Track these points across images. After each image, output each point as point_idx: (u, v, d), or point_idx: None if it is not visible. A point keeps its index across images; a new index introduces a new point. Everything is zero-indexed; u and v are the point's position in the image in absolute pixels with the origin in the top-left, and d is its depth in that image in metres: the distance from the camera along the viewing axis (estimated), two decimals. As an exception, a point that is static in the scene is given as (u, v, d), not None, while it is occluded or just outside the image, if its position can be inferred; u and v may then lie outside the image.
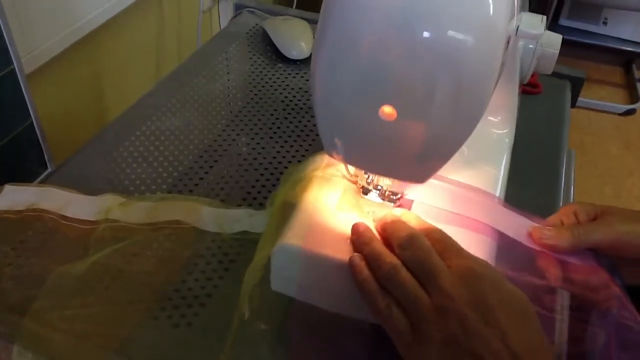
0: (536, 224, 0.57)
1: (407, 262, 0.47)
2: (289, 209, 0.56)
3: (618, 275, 0.54)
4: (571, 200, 0.83)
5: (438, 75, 0.41)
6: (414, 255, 0.47)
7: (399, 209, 0.55)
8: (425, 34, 0.39)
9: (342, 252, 0.50)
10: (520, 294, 0.46)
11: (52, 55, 0.97)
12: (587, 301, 0.54)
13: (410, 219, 0.52)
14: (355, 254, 0.49)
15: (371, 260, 0.48)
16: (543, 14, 0.55)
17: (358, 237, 0.50)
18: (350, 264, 0.49)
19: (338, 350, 0.53)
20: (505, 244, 0.55)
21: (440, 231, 0.50)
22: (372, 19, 0.40)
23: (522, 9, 0.55)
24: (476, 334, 0.42)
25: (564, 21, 2.87)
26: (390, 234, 0.50)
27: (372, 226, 0.52)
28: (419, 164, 0.48)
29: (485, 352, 0.42)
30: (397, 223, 0.51)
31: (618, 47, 2.80)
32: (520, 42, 0.63)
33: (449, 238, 0.49)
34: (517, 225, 0.56)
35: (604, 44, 2.80)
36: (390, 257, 0.47)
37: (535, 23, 0.52)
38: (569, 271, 0.54)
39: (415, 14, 0.40)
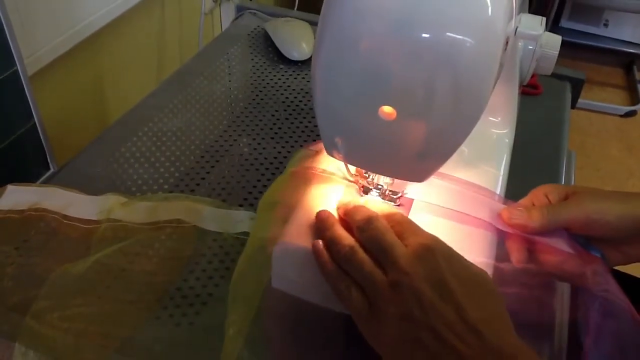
0: (506, 206, 0.57)
1: (365, 243, 0.48)
2: (271, 207, 0.57)
3: (594, 250, 0.55)
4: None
5: (437, 76, 0.41)
6: (371, 235, 0.48)
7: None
8: (424, 35, 0.40)
9: None
10: (478, 270, 0.47)
11: (55, 57, 0.97)
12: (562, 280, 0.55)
13: (373, 205, 0.53)
14: (318, 240, 0.50)
15: (331, 245, 0.49)
16: (544, 15, 0.55)
17: (321, 224, 0.51)
18: (313, 250, 0.50)
19: (314, 341, 0.54)
20: (506, 240, 0.55)
21: (401, 214, 0.51)
22: (371, 21, 0.41)
23: (520, 10, 0.55)
24: (432, 308, 0.43)
25: (565, 23, 2.88)
26: (350, 217, 0.51)
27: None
28: (419, 163, 0.48)
29: (440, 325, 0.42)
30: (358, 207, 0.52)
31: (619, 48, 2.80)
32: (519, 43, 0.64)
33: (409, 221, 0.50)
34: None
35: (605, 45, 2.81)
36: (348, 240, 0.48)
37: (534, 24, 0.53)
38: (541, 252, 0.54)
39: (413, 15, 0.40)
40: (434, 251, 0.45)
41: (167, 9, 1.35)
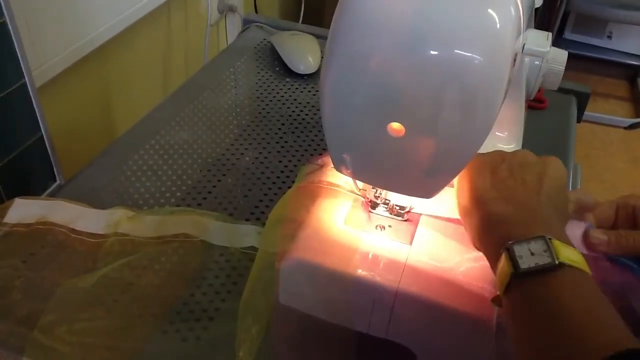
0: (586, 224, 0.54)
1: None
2: (279, 223, 0.57)
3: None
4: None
5: (445, 93, 0.41)
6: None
7: None
8: (433, 52, 0.40)
9: (349, 267, 0.51)
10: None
11: (62, 69, 0.98)
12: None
13: None
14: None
15: None
16: (548, 27, 0.55)
17: None
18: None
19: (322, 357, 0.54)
20: None
21: None
22: (380, 37, 0.41)
23: (528, 26, 0.55)
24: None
25: (568, 35, 2.88)
26: None
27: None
28: (427, 180, 0.48)
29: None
30: None
31: (623, 60, 2.81)
32: (526, 59, 0.64)
33: None
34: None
35: (608, 57, 2.81)
36: None
37: (541, 40, 0.53)
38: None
39: (422, 32, 0.40)
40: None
41: (173, 20, 1.35)
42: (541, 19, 2.60)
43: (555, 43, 0.61)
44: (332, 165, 0.52)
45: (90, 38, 1.03)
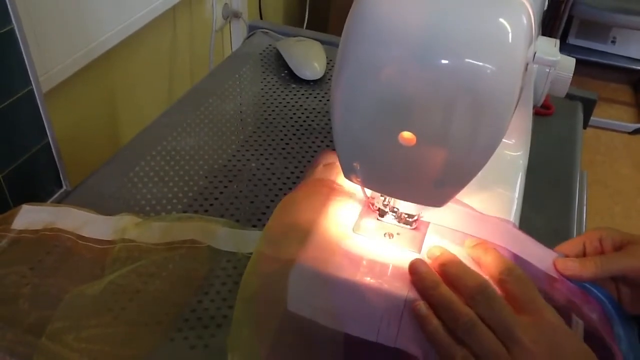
0: (557, 254, 0.56)
1: (480, 315, 0.46)
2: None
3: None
4: (584, 221, 0.83)
5: (457, 102, 0.41)
6: (488, 308, 0.46)
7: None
8: (445, 62, 0.40)
9: (357, 275, 0.51)
10: (583, 344, 0.47)
11: (68, 75, 0.98)
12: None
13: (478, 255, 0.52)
14: (421, 302, 0.48)
15: (443, 310, 0.47)
16: (552, 33, 0.55)
17: (421, 281, 0.49)
18: (416, 313, 0.48)
19: None
20: (521, 265, 0.55)
21: (511, 274, 0.49)
22: (392, 47, 0.41)
23: (537, 33, 0.55)
24: None
25: (572, 40, 2.88)
26: (455, 279, 0.49)
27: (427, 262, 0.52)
28: (438, 189, 0.48)
29: None
30: (461, 268, 0.50)
31: (627, 66, 2.80)
32: (534, 66, 0.64)
33: (520, 282, 0.48)
34: (537, 251, 0.56)
35: (612, 62, 2.81)
36: (465, 309, 0.47)
37: (551, 49, 0.53)
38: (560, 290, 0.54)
39: (434, 41, 0.40)
40: (555, 328, 0.45)
41: (178, 27, 1.36)
42: (545, 25, 2.60)
43: (559, 48, 0.61)
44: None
45: (96, 44, 1.03)
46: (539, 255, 0.56)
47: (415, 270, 0.50)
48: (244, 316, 0.53)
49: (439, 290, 0.48)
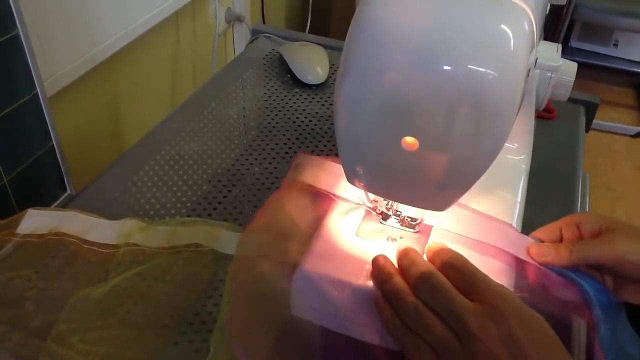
0: (533, 240, 0.56)
1: (428, 303, 0.47)
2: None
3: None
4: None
5: (459, 108, 0.41)
6: (433, 297, 0.47)
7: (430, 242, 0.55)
8: (447, 68, 0.40)
9: (361, 279, 0.51)
10: (539, 318, 0.46)
11: (72, 79, 0.99)
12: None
13: (431, 249, 0.52)
14: (378, 291, 0.49)
15: (392, 300, 0.48)
16: (554, 36, 0.56)
17: (378, 273, 0.50)
18: (375, 304, 0.49)
19: None
20: (523, 270, 0.55)
21: (458, 260, 0.49)
22: (394, 53, 0.41)
23: (539, 39, 0.56)
24: None
25: (574, 43, 2.89)
26: (403, 270, 0.50)
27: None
28: (440, 193, 0.48)
29: None
30: (408, 257, 0.50)
31: (629, 69, 2.81)
32: (536, 71, 0.64)
33: (467, 268, 0.48)
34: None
35: (615, 65, 2.81)
36: (410, 297, 0.47)
37: (552, 54, 0.53)
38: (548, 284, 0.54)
39: (437, 47, 0.40)
40: (504, 310, 0.45)
41: (181, 31, 1.36)
42: (547, 28, 2.60)
43: (561, 52, 0.61)
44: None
45: (99, 49, 1.04)
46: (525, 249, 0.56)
47: (374, 263, 0.51)
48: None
49: (391, 282, 0.49)
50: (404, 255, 0.51)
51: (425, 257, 0.51)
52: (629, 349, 0.51)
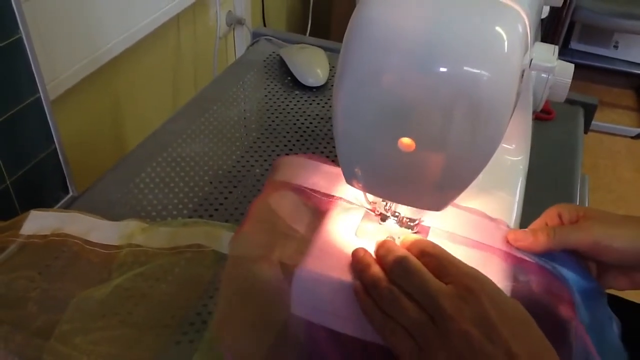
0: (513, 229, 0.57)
1: (403, 288, 0.48)
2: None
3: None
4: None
5: (455, 109, 0.42)
6: (407, 281, 0.48)
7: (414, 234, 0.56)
8: (443, 69, 0.41)
9: None
10: (515, 302, 0.47)
11: (74, 83, 0.99)
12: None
13: (406, 241, 0.53)
14: (357, 281, 0.50)
15: (370, 288, 0.49)
16: (553, 38, 0.56)
17: (356, 264, 0.52)
18: (354, 292, 0.50)
19: None
20: (520, 270, 0.56)
21: (432, 246, 0.51)
22: (391, 54, 0.42)
23: (535, 39, 0.56)
24: (481, 352, 0.43)
25: (575, 45, 2.89)
26: (380, 259, 0.51)
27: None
28: (437, 193, 0.49)
29: None
30: (385, 246, 0.52)
31: (629, 70, 2.81)
32: (533, 72, 0.65)
33: (442, 252, 0.50)
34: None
35: (615, 67, 2.82)
36: (386, 283, 0.48)
37: (548, 55, 0.54)
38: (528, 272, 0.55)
39: (432, 49, 0.41)
40: (478, 291, 0.45)
41: (182, 34, 1.37)
42: (547, 30, 2.60)
43: (562, 53, 0.62)
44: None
45: (101, 52, 1.05)
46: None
47: (354, 256, 0.52)
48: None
49: (369, 271, 0.50)
50: (381, 245, 0.52)
51: None
52: (608, 332, 0.52)
